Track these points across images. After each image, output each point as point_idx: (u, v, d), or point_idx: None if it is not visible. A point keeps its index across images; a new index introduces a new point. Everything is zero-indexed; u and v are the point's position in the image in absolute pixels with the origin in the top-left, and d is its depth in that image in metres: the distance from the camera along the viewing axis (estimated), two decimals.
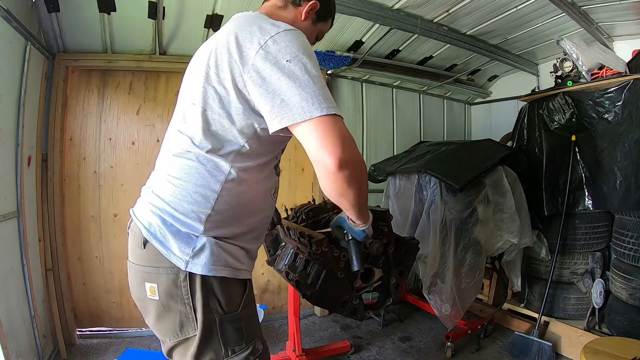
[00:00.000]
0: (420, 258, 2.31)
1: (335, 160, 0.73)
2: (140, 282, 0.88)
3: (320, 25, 1.09)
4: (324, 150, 0.73)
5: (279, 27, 0.82)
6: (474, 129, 4.18)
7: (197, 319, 0.83)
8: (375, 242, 1.15)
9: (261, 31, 0.81)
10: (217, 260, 0.83)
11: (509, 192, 2.30)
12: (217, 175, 0.85)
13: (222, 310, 0.84)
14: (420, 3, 2.32)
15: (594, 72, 2.44)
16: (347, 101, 3.25)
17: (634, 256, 2.11)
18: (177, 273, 0.82)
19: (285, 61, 0.76)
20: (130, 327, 2.59)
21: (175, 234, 0.83)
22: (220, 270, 0.84)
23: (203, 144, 0.85)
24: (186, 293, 0.83)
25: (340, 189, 0.79)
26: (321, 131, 0.73)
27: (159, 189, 0.89)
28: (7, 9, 1.69)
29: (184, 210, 0.84)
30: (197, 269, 0.82)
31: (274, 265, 1.50)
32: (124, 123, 2.59)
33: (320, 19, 1.08)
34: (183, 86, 0.98)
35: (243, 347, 0.86)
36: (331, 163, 0.73)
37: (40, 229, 2.27)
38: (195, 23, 2.33)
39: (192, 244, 0.83)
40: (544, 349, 2.21)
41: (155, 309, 0.87)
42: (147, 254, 0.86)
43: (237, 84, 0.81)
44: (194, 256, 0.82)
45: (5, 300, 1.78)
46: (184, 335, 0.85)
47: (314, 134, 0.74)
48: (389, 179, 2.80)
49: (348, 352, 2.42)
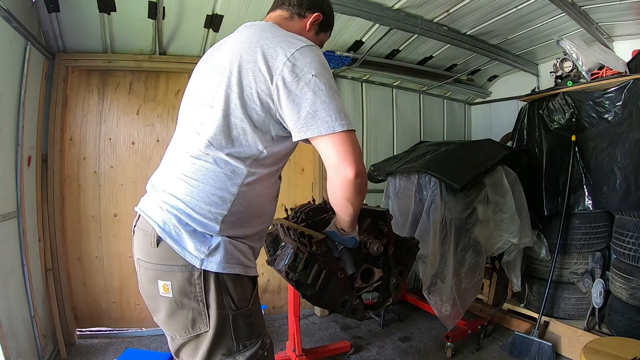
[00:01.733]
0: (420, 258, 2.31)
1: (354, 172, 0.84)
2: (152, 280, 0.90)
3: (321, 36, 1.15)
4: (345, 162, 0.84)
5: (302, 41, 0.89)
6: (474, 129, 4.18)
7: (209, 316, 0.86)
8: (375, 242, 1.16)
9: (286, 43, 0.86)
10: (231, 258, 0.87)
11: (509, 192, 2.30)
12: (234, 178, 0.88)
13: (234, 306, 0.88)
14: (420, 3, 2.32)
15: (594, 72, 2.44)
16: (347, 101, 3.24)
17: (634, 256, 2.11)
18: (192, 271, 0.85)
19: (311, 75, 0.84)
20: (130, 327, 2.59)
21: (191, 233, 0.86)
22: (234, 267, 0.87)
23: (222, 147, 0.87)
24: (200, 290, 0.85)
25: (350, 196, 0.90)
26: (343, 145, 0.84)
27: (173, 188, 0.90)
28: (7, 9, 1.69)
29: (202, 210, 0.86)
30: (212, 266, 0.85)
31: (274, 265, 1.50)
32: (124, 123, 2.59)
33: (322, 30, 1.14)
34: (197, 87, 0.99)
35: (253, 341, 0.90)
36: (351, 172, 0.84)
37: (40, 229, 2.27)
38: (195, 23, 2.33)
39: (208, 242, 0.86)
40: (544, 349, 2.21)
41: (168, 306, 0.89)
42: (161, 252, 0.87)
43: (260, 92, 0.86)
44: (209, 255, 0.85)
45: (5, 300, 1.78)
46: (196, 332, 0.88)
47: (336, 147, 0.84)
48: (389, 179, 2.80)
49: (348, 352, 2.42)
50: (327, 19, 1.13)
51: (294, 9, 1.07)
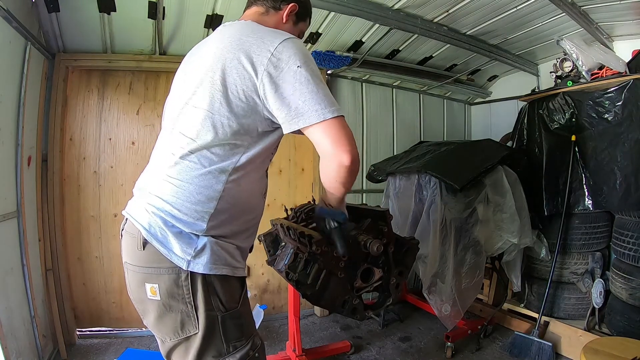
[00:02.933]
0: (420, 258, 2.31)
1: (349, 157, 0.85)
2: (140, 284, 0.89)
3: (300, 26, 1.14)
4: (340, 149, 0.84)
5: (282, 35, 0.89)
6: (474, 129, 4.19)
7: (198, 318, 0.85)
8: (375, 242, 1.15)
9: (267, 39, 0.87)
10: (218, 259, 0.86)
11: (509, 192, 2.30)
12: (219, 176, 0.88)
13: (223, 308, 0.87)
14: (420, 3, 2.32)
15: (594, 72, 2.44)
16: (347, 101, 3.24)
17: (634, 256, 2.11)
18: (179, 273, 0.84)
19: (296, 67, 0.84)
20: (130, 327, 2.59)
21: (177, 234, 0.85)
22: (221, 268, 0.87)
23: (207, 146, 0.87)
24: (187, 292, 0.85)
25: (344, 178, 0.89)
26: (335, 132, 0.85)
27: (158, 190, 0.90)
28: (7, 9, 1.69)
29: (188, 210, 0.86)
30: (198, 268, 0.84)
31: (274, 265, 1.49)
32: (124, 123, 2.59)
33: (300, 19, 1.13)
34: (180, 88, 0.99)
35: (243, 342, 0.90)
36: (347, 159, 0.85)
37: (40, 229, 2.27)
38: (195, 23, 2.33)
39: (194, 244, 0.85)
40: (544, 349, 2.21)
41: (156, 309, 0.88)
42: (147, 254, 0.87)
43: (246, 89, 0.86)
44: (196, 256, 0.84)
45: (5, 300, 1.78)
46: (185, 334, 0.87)
47: (329, 134, 0.85)
48: (389, 179, 2.80)
49: (348, 352, 2.42)
50: (304, 8, 1.13)
51: (269, 2, 1.07)
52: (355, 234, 1.20)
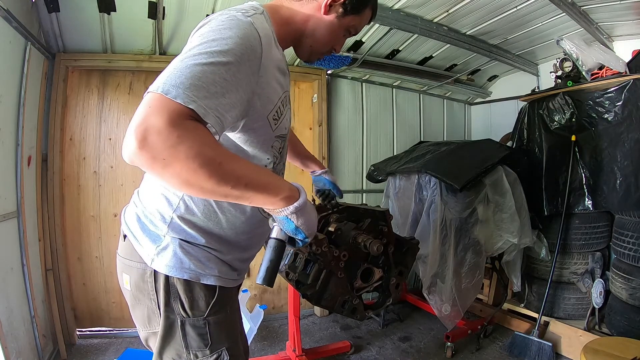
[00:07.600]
0: (420, 258, 2.31)
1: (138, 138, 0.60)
2: (120, 273, 0.93)
3: (348, 20, 0.91)
4: (134, 126, 0.61)
5: (228, 12, 0.76)
6: (474, 129, 4.18)
7: (161, 316, 0.83)
8: (375, 242, 1.15)
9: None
10: (178, 262, 0.82)
11: (509, 192, 2.30)
12: None
13: (184, 313, 0.83)
14: (420, 3, 2.32)
15: (594, 72, 2.44)
16: (347, 101, 3.24)
17: (634, 256, 2.11)
18: (145, 268, 0.84)
19: (197, 42, 0.68)
20: (130, 327, 2.59)
21: (145, 230, 0.85)
22: (181, 272, 0.82)
23: None
24: (152, 289, 0.84)
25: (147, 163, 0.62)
26: (142, 106, 0.63)
27: (141, 187, 0.94)
28: (7, 9, 1.69)
29: (151, 209, 0.86)
30: (160, 267, 0.82)
31: None
32: (124, 123, 2.59)
33: (349, 12, 0.90)
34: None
35: (207, 354, 0.83)
36: (135, 141, 0.61)
37: (40, 229, 2.27)
38: (195, 23, 2.29)
39: (158, 242, 0.83)
40: (544, 349, 2.21)
41: (130, 299, 0.91)
42: (126, 246, 0.89)
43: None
44: (158, 254, 0.82)
45: (5, 300, 1.78)
46: (152, 329, 0.86)
47: (140, 107, 0.63)
48: (389, 179, 2.80)
49: (348, 352, 2.42)
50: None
51: None
52: (355, 234, 1.20)
